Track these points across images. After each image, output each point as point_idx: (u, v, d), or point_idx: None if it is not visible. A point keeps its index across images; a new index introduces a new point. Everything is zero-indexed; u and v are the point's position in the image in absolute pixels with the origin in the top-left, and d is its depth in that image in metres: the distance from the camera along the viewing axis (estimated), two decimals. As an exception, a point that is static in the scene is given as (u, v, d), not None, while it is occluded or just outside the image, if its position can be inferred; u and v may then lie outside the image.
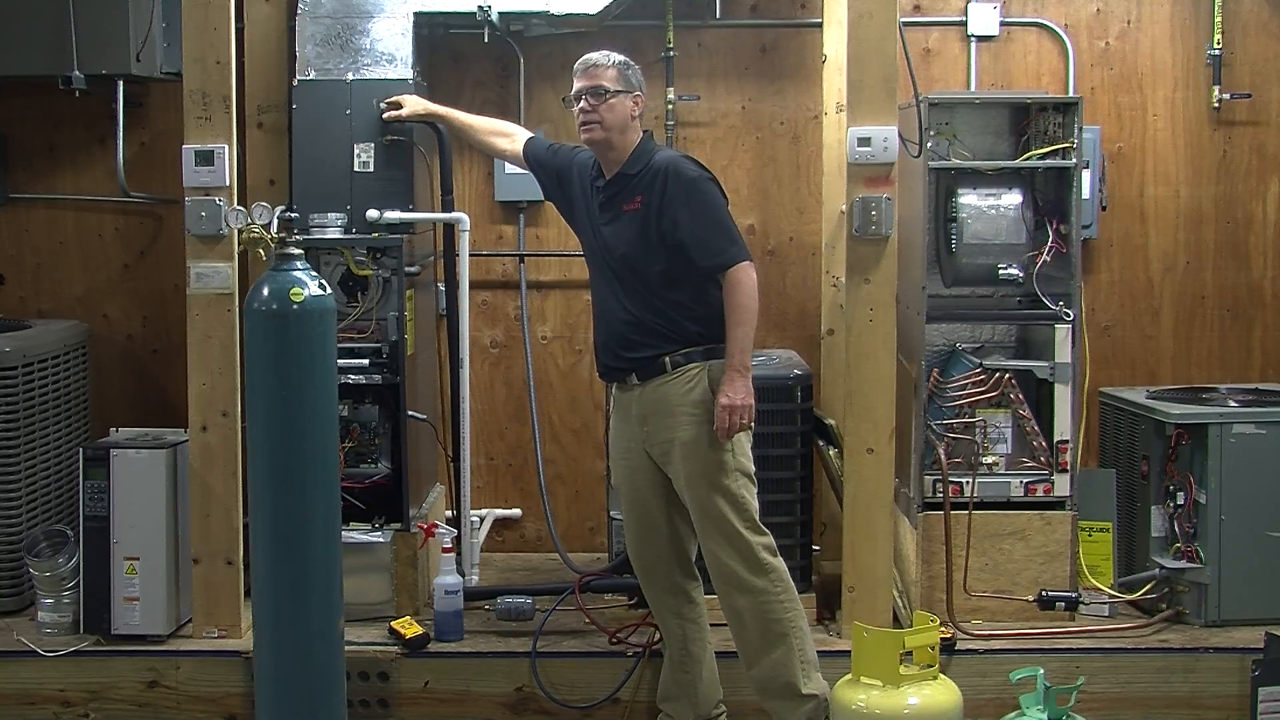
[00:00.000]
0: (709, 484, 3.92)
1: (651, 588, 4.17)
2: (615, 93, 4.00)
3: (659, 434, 3.99)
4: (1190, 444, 4.63)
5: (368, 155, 4.77)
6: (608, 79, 4.01)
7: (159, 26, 5.02)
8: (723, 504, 3.92)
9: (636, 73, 4.08)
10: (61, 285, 5.53)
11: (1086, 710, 4.19)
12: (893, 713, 3.67)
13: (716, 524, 3.93)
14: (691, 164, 4.03)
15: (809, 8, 5.46)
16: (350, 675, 4.15)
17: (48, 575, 4.54)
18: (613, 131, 4.01)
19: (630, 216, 3.98)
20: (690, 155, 4.16)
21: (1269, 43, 5.50)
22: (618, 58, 4.06)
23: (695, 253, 3.92)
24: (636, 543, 4.15)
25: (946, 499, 4.56)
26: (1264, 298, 5.56)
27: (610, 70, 4.02)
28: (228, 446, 4.44)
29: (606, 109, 4.00)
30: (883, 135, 4.40)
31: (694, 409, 3.92)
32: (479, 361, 5.49)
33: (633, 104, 4.03)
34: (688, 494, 3.97)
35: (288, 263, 3.78)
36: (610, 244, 4.03)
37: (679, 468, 3.95)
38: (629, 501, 4.14)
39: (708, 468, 3.92)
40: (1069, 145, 4.63)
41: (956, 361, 4.77)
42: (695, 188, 3.94)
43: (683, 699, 4.16)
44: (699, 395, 3.92)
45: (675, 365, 3.95)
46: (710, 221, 3.93)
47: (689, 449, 3.93)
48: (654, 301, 3.96)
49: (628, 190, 4.01)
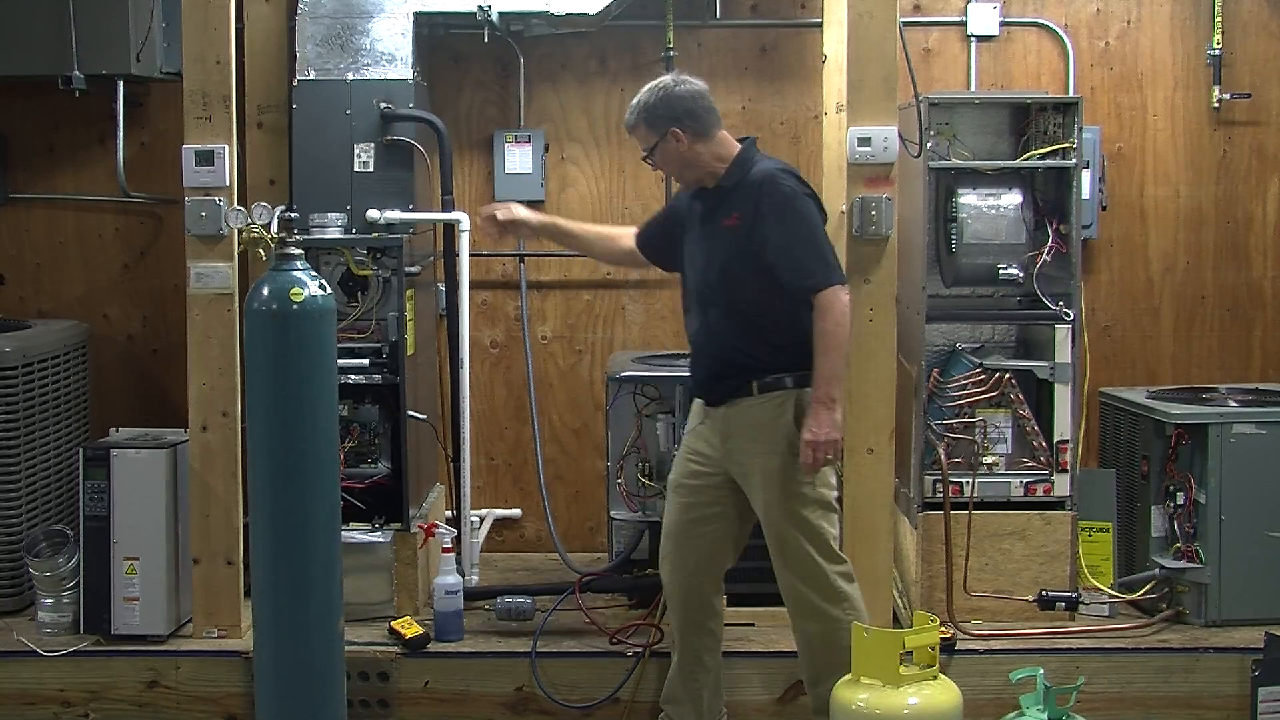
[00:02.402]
0: (787, 514, 3.85)
1: (677, 593, 4.07)
2: (654, 147, 3.90)
3: (740, 455, 3.90)
4: (1190, 444, 4.63)
5: (368, 155, 4.78)
6: (640, 138, 3.93)
7: (159, 26, 5.02)
8: (799, 535, 3.86)
9: (668, 99, 3.88)
10: (61, 285, 5.53)
11: (1086, 710, 4.19)
12: (893, 713, 3.66)
13: (794, 553, 3.87)
14: (789, 178, 3.86)
15: (809, 8, 5.46)
16: (350, 675, 4.15)
17: (48, 575, 4.54)
18: (684, 173, 3.96)
19: (728, 233, 3.85)
20: (792, 169, 3.97)
21: (1269, 43, 5.50)
22: (640, 103, 3.91)
23: (784, 274, 3.78)
24: (676, 547, 4.05)
25: (946, 499, 4.56)
26: (1264, 298, 5.56)
27: (639, 128, 3.92)
28: (228, 446, 4.44)
29: (662, 163, 3.95)
30: (883, 135, 4.40)
31: (777, 437, 3.83)
32: (479, 361, 5.49)
33: (674, 141, 3.87)
34: (764, 520, 3.91)
35: (288, 263, 3.77)
36: (707, 259, 3.91)
37: (758, 494, 3.89)
38: (683, 504, 4.04)
39: (787, 498, 3.84)
40: (1069, 145, 4.64)
41: (956, 361, 4.77)
42: (788, 204, 3.79)
43: (687, 704, 4.13)
44: (784, 424, 3.81)
45: (763, 389, 3.84)
46: (801, 241, 3.77)
47: (769, 478, 3.85)
48: (746, 322, 3.85)
49: (726, 204, 3.88)
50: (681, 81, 3.93)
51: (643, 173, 5.52)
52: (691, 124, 3.88)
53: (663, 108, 3.88)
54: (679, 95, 3.89)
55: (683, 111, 3.88)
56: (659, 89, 3.90)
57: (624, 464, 4.68)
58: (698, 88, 3.93)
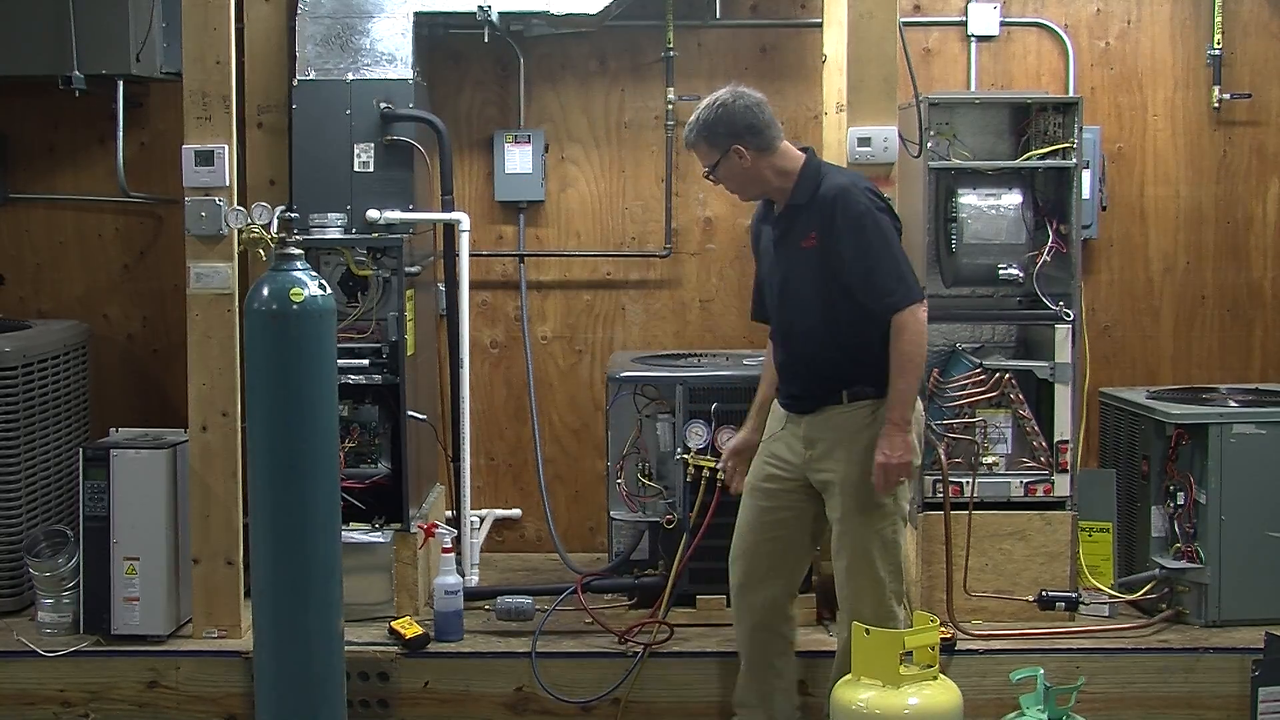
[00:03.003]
0: (865, 525, 3.84)
1: (747, 594, 4.05)
2: (716, 164, 3.84)
3: (823, 462, 3.88)
4: (1190, 444, 4.63)
5: (368, 155, 4.78)
6: (701, 155, 3.88)
7: (159, 26, 5.02)
8: (875, 548, 3.85)
9: (728, 115, 3.80)
10: (61, 285, 5.53)
11: (1086, 710, 4.19)
12: (893, 713, 3.66)
13: (864, 563, 3.86)
14: (861, 194, 3.78)
15: (809, 8, 5.46)
16: (350, 675, 4.15)
17: (48, 575, 4.54)
18: (747, 189, 3.92)
19: (808, 254, 3.81)
20: (863, 182, 3.86)
21: (1269, 43, 5.50)
22: (699, 120, 3.84)
23: (861, 294, 3.74)
24: (749, 549, 4.02)
25: (946, 499, 4.56)
26: (1264, 298, 5.56)
27: (699, 145, 3.86)
28: (228, 446, 4.44)
29: (724, 180, 3.89)
30: (883, 135, 4.41)
31: (860, 448, 3.81)
32: (479, 361, 5.49)
33: (737, 157, 3.81)
34: (839, 528, 3.89)
35: (288, 263, 3.77)
36: (786, 279, 3.88)
37: (836, 502, 3.87)
38: (759, 507, 4.01)
39: (863, 508, 3.83)
40: (1069, 145, 4.64)
41: (956, 361, 4.77)
42: (861, 222, 3.73)
43: (759, 708, 4.11)
44: (869, 435, 3.78)
45: (852, 398, 3.82)
46: (876, 259, 3.73)
47: (848, 487, 3.84)
48: (833, 339, 3.82)
49: (801, 224, 3.83)
50: (739, 95, 3.85)
51: (643, 173, 5.53)
52: (753, 139, 3.82)
53: (723, 124, 3.81)
54: (738, 110, 3.82)
55: (743, 127, 3.81)
56: (717, 104, 3.83)
57: (624, 464, 4.68)
58: (756, 99, 3.87)
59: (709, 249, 5.51)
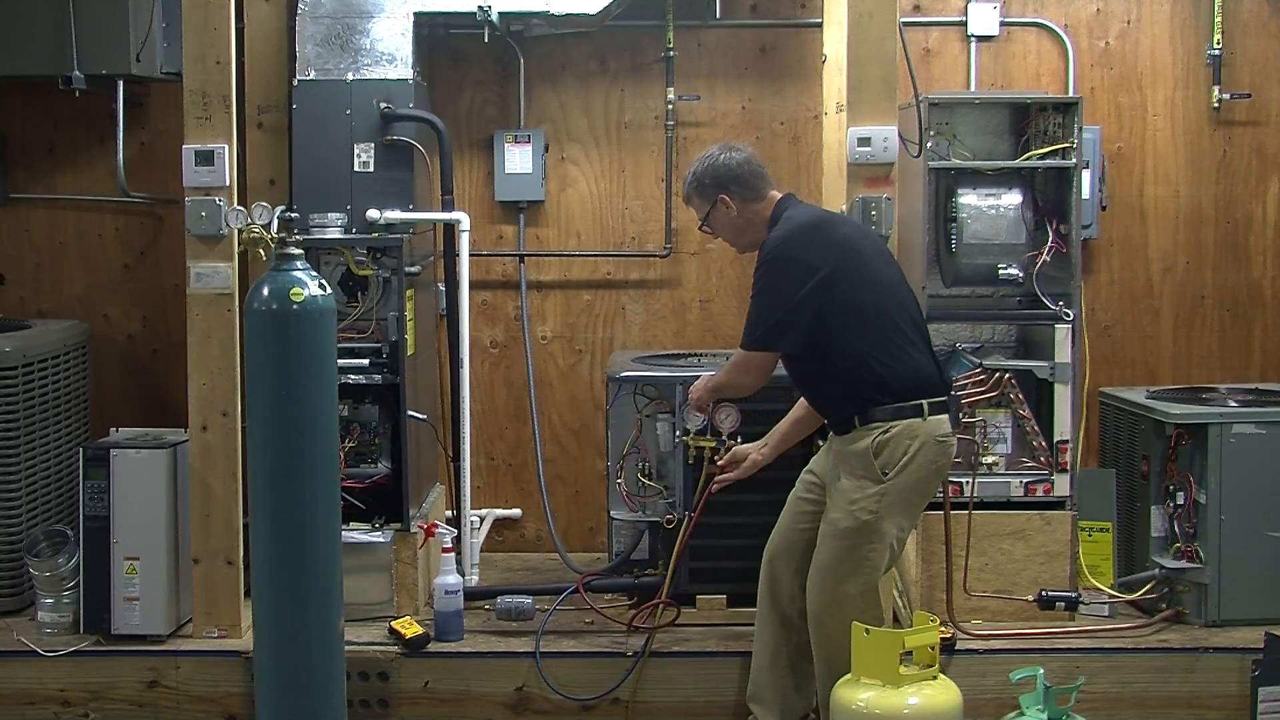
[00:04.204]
0: (841, 536, 3.86)
1: (771, 591, 4.13)
2: (707, 214, 4.05)
3: (831, 471, 3.97)
4: (1190, 444, 4.63)
5: (368, 155, 4.78)
6: (695, 207, 4.09)
7: (159, 26, 5.02)
8: (847, 563, 3.86)
9: (714, 169, 4.01)
10: (61, 285, 5.53)
11: (1086, 710, 4.19)
12: (893, 713, 3.66)
13: (832, 574, 3.89)
14: (780, 243, 3.90)
15: (809, 8, 5.46)
16: (350, 675, 4.15)
17: (48, 575, 4.54)
18: (739, 238, 4.08)
19: None
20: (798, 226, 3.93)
21: (1269, 43, 5.50)
22: (691, 174, 4.06)
23: None
24: (777, 538, 4.14)
25: (946, 499, 4.55)
26: (1264, 298, 5.56)
27: (693, 198, 4.07)
28: (228, 446, 4.44)
29: (716, 229, 4.08)
30: (883, 135, 4.41)
31: (857, 460, 3.86)
32: (479, 361, 5.49)
33: (724, 206, 4.00)
34: (822, 535, 3.93)
35: (288, 263, 3.77)
36: None
37: (829, 510, 3.94)
38: (793, 512, 4.12)
39: (849, 520, 3.85)
40: (1069, 145, 4.64)
41: (956, 361, 4.76)
42: (760, 267, 3.91)
43: (774, 703, 4.13)
44: (863, 447, 3.84)
45: (865, 422, 3.87)
46: (753, 300, 3.93)
47: (839, 496, 3.89)
48: (808, 378, 4.00)
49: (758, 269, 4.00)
50: (727, 149, 4.05)
51: (643, 172, 5.53)
52: (739, 189, 4.00)
53: (709, 176, 4.02)
54: (724, 164, 4.01)
55: (729, 178, 4.00)
56: (706, 159, 4.04)
57: (624, 464, 4.68)
58: (744, 154, 4.06)
59: (709, 249, 5.51)
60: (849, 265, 3.87)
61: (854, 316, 3.85)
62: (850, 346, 3.85)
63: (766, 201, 4.03)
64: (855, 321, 3.85)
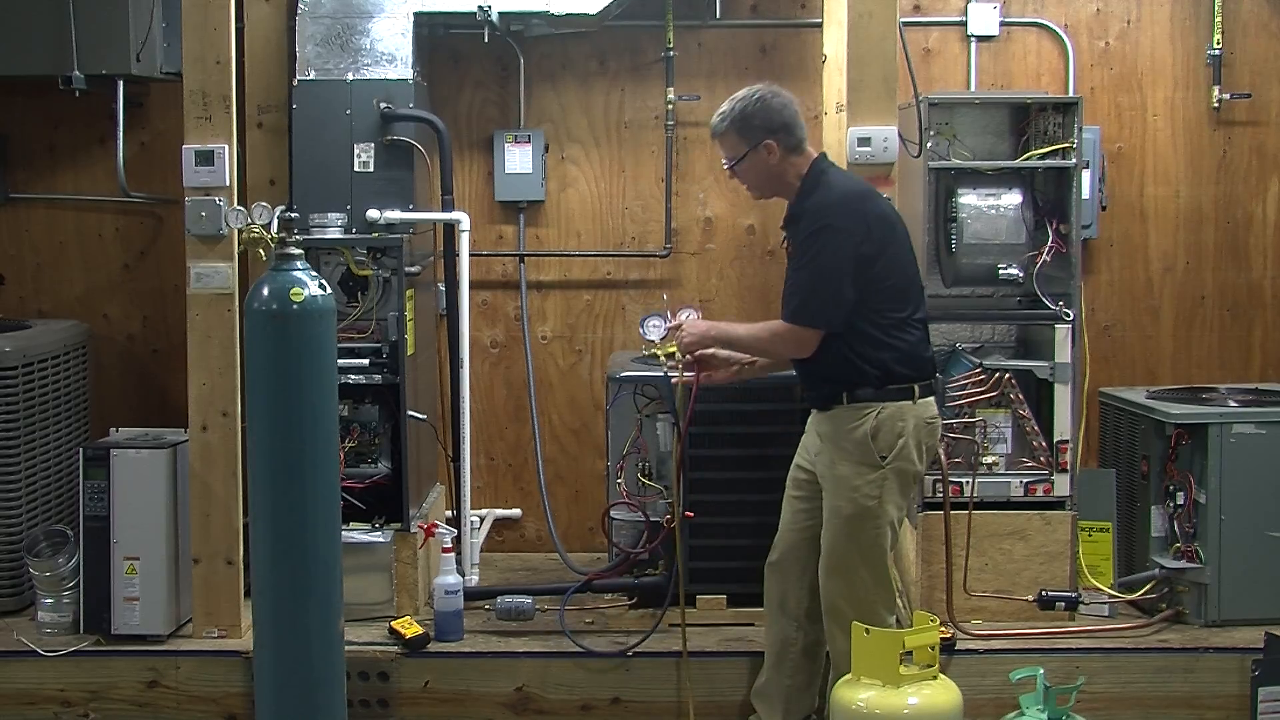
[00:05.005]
0: (848, 523, 3.87)
1: (778, 586, 4.12)
2: (741, 157, 3.87)
3: (824, 457, 3.94)
4: (1190, 444, 4.63)
5: (368, 155, 4.78)
6: (728, 146, 3.89)
7: (159, 26, 5.02)
8: (854, 549, 3.87)
9: (766, 110, 3.83)
10: (61, 285, 5.53)
11: (1086, 710, 4.19)
12: (893, 713, 3.66)
13: (843, 563, 3.89)
14: (836, 213, 3.78)
15: (809, 8, 5.46)
16: (350, 675, 4.15)
17: (48, 575, 4.54)
18: (765, 187, 3.94)
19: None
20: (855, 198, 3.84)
21: (1269, 43, 5.50)
22: (734, 111, 3.85)
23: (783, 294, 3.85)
24: (780, 538, 4.13)
25: (946, 499, 4.56)
26: (1264, 298, 5.56)
27: (729, 135, 3.87)
28: (228, 446, 4.44)
29: (745, 173, 3.91)
30: (883, 135, 4.41)
31: (851, 446, 3.85)
32: (479, 361, 5.49)
33: (766, 152, 3.84)
34: (825, 525, 3.93)
35: (288, 263, 3.76)
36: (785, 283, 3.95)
37: (828, 500, 3.92)
38: (788, 496, 4.12)
39: (852, 507, 3.85)
40: (1069, 145, 4.64)
41: (956, 361, 4.77)
42: (813, 236, 3.78)
43: (778, 701, 4.14)
44: (859, 435, 3.83)
45: (852, 400, 3.84)
46: (803, 270, 3.80)
47: (839, 484, 3.88)
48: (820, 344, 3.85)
49: (792, 229, 3.90)
50: (777, 93, 3.88)
51: (643, 172, 5.53)
52: (786, 137, 3.86)
53: (759, 117, 3.84)
54: (776, 106, 3.85)
55: (779, 124, 3.85)
56: (756, 98, 3.86)
57: (624, 464, 4.68)
58: (792, 98, 3.90)
59: (709, 249, 5.51)
60: (887, 244, 3.84)
61: (881, 297, 3.82)
62: (866, 326, 3.82)
63: (805, 156, 3.90)
64: (880, 302, 3.82)
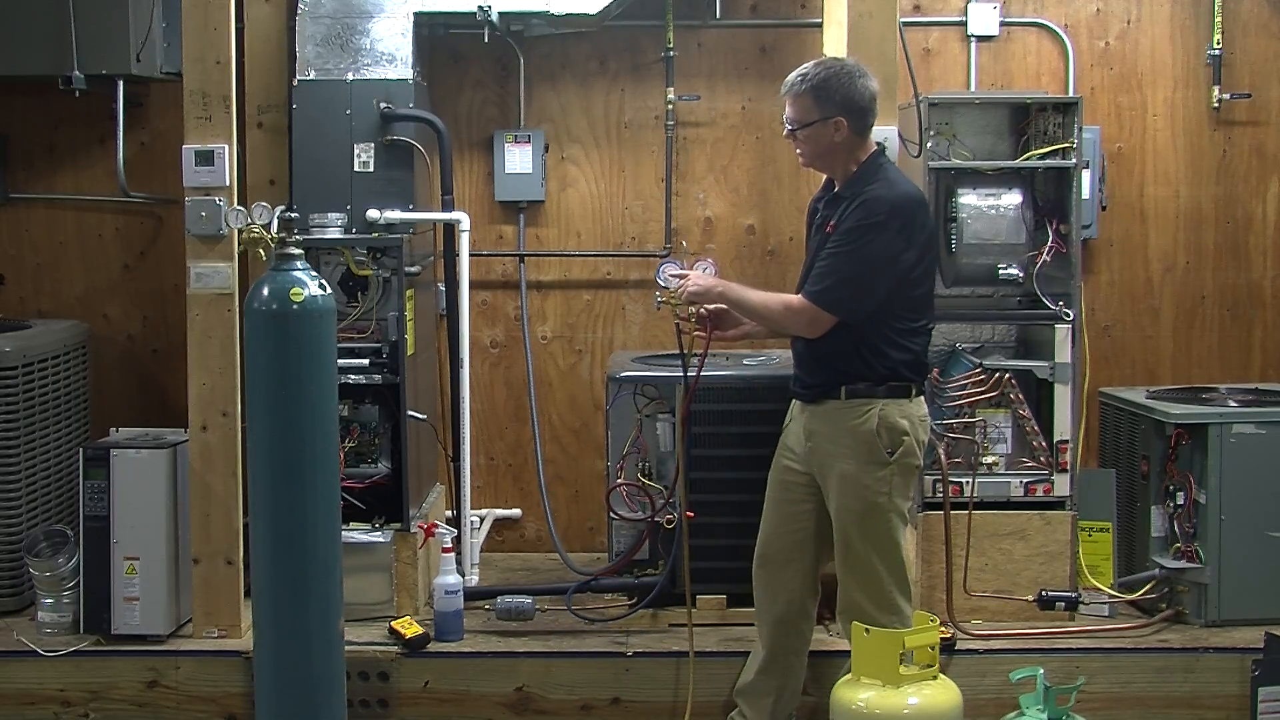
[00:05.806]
0: (858, 520, 3.86)
1: (766, 587, 4.11)
2: (809, 124, 3.81)
3: (820, 455, 3.91)
4: (1190, 444, 4.63)
5: (368, 155, 4.78)
6: (799, 109, 3.83)
7: (159, 26, 5.02)
8: (868, 544, 3.87)
9: (850, 87, 3.78)
10: (61, 285, 5.53)
11: (1086, 710, 4.19)
12: (893, 713, 3.66)
13: (859, 559, 3.89)
14: (890, 210, 3.73)
15: (809, 8, 5.46)
16: (350, 675, 4.15)
17: (48, 575, 4.54)
18: (817, 160, 3.89)
19: (824, 239, 3.84)
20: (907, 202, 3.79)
21: (1269, 43, 5.50)
22: (820, 76, 3.79)
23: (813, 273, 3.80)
24: (768, 541, 4.10)
25: (946, 499, 4.56)
26: (1264, 298, 5.56)
27: (805, 98, 3.81)
28: (228, 446, 4.44)
29: (804, 140, 3.85)
30: (882, 135, 4.39)
31: (856, 442, 3.83)
32: (479, 361, 5.49)
33: (834, 129, 3.79)
34: (836, 523, 3.92)
35: (288, 263, 3.76)
36: (809, 263, 3.91)
37: (834, 498, 3.90)
38: (774, 498, 4.08)
39: (861, 504, 3.85)
40: (1069, 145, 4.64)
41: (956, 361, 4.77)
42: (861, 224, 3.73)
43: (763, 699, 4.13)
44: (865, 431, 3.81)
45: (850, 395, 3.84)
46: (841, 256, 3.75)
47: (845, 482, 3.86)
48: (835, 331, 3.82)
49: (837, 211, 3.84)
50: (863, 73, 3.84)
51: (643, 172, 5.53)
52: (858, 122, 3.83)
53: (840, 93, 3.80)
54: (860, 90, 3.81)
55: (857, 107, 3.82)
56: (845, 72, 3.82)
57: (624, 464, 4.68)
58: (875, 85, 3.86)
59: (709, 249, 5.51)
60: (925, 255, 3.85)
61: (905, 304, 3.83)
62: (883, 328, 3.82)
63: (867, 143, 3.88)
64: (902, 309, 3.83)
